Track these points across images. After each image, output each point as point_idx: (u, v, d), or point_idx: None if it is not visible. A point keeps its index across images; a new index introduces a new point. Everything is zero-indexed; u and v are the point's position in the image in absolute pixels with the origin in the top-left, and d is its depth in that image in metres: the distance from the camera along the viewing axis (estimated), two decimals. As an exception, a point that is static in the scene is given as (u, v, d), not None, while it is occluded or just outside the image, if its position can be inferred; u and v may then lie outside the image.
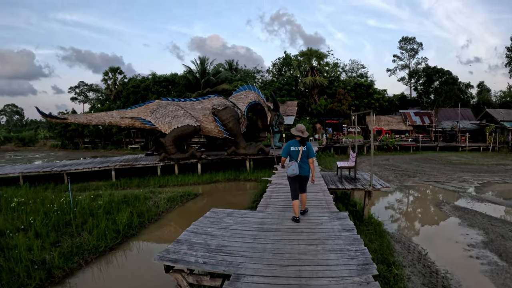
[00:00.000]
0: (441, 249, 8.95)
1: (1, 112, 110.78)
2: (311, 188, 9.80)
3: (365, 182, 11.01)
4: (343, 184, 10.80)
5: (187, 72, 47.86)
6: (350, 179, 11.77)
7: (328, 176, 12.56)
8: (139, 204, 12.45)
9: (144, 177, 19.01)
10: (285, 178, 10.92)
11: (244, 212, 7.63)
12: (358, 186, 10.33)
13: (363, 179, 11.75)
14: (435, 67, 58.40)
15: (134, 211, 11.55)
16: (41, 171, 19.09)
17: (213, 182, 18.32)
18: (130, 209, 11.71)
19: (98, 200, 12.60)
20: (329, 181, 11.38)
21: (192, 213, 12.59)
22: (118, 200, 12.55)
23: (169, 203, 13.11)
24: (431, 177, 20.56)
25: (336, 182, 11.18)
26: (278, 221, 6.91)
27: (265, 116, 24.55)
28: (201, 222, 6.80)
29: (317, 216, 7.19)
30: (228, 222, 6.75)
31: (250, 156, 20.95)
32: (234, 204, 13.48)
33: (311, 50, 48.11)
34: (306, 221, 6.97)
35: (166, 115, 19.56)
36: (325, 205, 8.20)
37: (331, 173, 13.56)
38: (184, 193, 14.54)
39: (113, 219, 10.55)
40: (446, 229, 10.65)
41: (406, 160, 29.10)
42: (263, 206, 8.26)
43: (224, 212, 7.60)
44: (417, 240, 9.50)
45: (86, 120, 20.54)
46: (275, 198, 9.09)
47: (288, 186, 8.62)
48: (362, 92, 48.17)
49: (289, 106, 44.11)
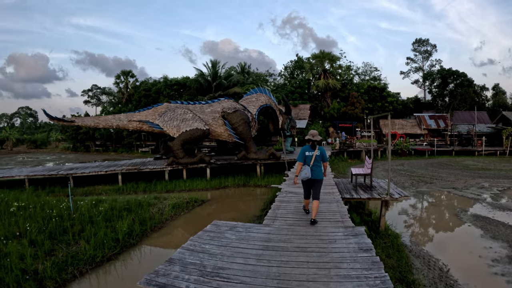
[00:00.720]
0: (464, 264, 8.14)
1: (15, 114, 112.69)
2: (324, 197, 9.11)
3: (381, 191, 10.22)
4: (358, 193, 10.05)
5: (199, 75, 47.51)
6: (366, 187, 10.99)
7: (342, 184, 11.85)
8: (142, 211, 11.87)
9: (151, 182, 18.50)
10: (296, 186, 10.28)
11: (248, 226, 6.91)
12: (374, 195, 9.54)
13: (379, 187, 10.96)
14: (450, 69, 57.11)
15: (136, 218, 11.00)
16: (47, 174, 18.84)
17: (222, 187, 17.68)
18: (132, 216, 11.15)
19: (100, 206, 12.08)
20: (343, 189, 10.64)
21: (197, 221, 11.98)
22: (120, 206, 11.99)
23: (174, 210, 12.51)
24: (448, 183, 19.58)
25: (351, 191, 10.45)
26: (286, 238, 6.19)
27: (277, 119, 23.86)
28: (200, 237, 6.11)
29: (330, 232, 6.42)
30: (230, 238, 6.04)
31: (261, 161, 20.27)
32: (242, 212, 12.83)
33: (323, 52, 47.29)
34: (317, 237, 6.19)
35: (175, 118, 19.04)
36: (339, 218, 7.41)
37: (345, 180, 12.79)
38: (190, 199, 13.93)
39: (113, 227, 10.01)
40: (468, 242, 9.80)
41: (422, 165, 28.05)
42: (271, 219, 7.52)
43: (227, 226, 6.92)
44: (437, 254, 8.68)
45: (94, 123, 20.19)
46: (284, 209, 8.37)
47: (298, 195, 8.84)
48: (376, 95, 47.10)
49: (301, 109, 43.32)
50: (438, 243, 9.75)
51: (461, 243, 9.82)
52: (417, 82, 67.30)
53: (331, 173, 14.32)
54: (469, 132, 43.03)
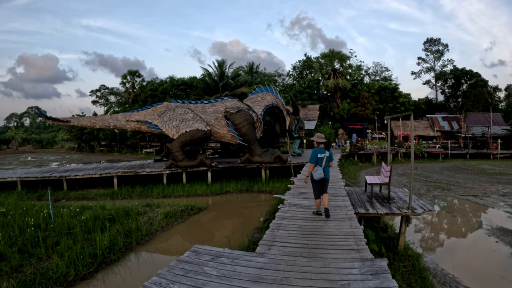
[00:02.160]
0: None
1: (24, 114, 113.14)
2: (334, 213, 7.82)
3: (401, 203, 8.84)
4: (374, 207, 8.65)
5: (206, 75, 46.57)
6: (382, 198, 9.60)
7: (355, 194, 10.48)
8: (130, 220, 10.68)
9: (148, 186, 17.37)
10: (302, 196, 9.05)
11: (237, 256, 5.31)
12: (393, 210, 8.17)
13: (398, 198, 9.56)
14: (463, 69, 55.32)
15: (121, 229, 9.82)
16: (40, 176, 17.85)
17: (223, 193, 16.43)
18: (117, 226, 9.98)
19: (84, 214, 10.93)
20: (356, 202, 9.30)
21: (191, 233, 10.79)
22: (105, 215, 10.81)
23: (166, 220, 11.28)
24: (467, 189, 18.09)
25: (365, 203, 9.09)
26: (283, 276, 4.55)
27: (284, 120, 22.56)
28: (171, 271, 4.67)
29: (342, 268, 4.78)
30: (209, 275, 4.56)
31: (266, 164, 18.97)
32: (241, 223, 11.54)
33: (333, 51, 45.86)
34: (325, 276, 4.54)
35: (174, 119, 17.86)
36: (354, 244, 5.80)
37: (358, 190, 11.40)
38: (186, 207, 12.66)
39: (93, 240, 8.84)
40: (497, 263, 8.39)
41: (436, 169, 26.51)
42: (266, 245, 5.95)
43: (209, 254, 5.42)
44: (465, 280, 7.32)
45: (90, 123, 19.16)
46: (285, 229, 6.83)
47: (304, 210, 7.78)
48: (387, 96, 45.48)
49: (310, 110, 41.93)
50: (464, 265, 8.36)
51: (490, 264, 8.43)
52: (429, 83, 65.41)
53: (342, 180, 12.91)
54: (484, 135, 41.25)
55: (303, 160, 20.25)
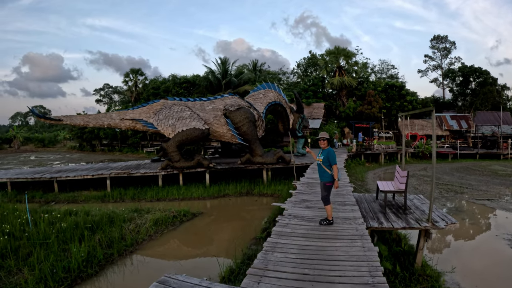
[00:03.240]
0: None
1: (29, 113, 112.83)
2: (342, 227, 6.63)
3: (419, 214, 7.70)
4: (388, 219, 7.51)
5: (209, 73, 45.61)
6: (397, 207, 8.45)
7: (365, 202, 9.27)
8: (114, 228, 9.69)
9: (143, 188, 16.40)
10: (305, 205, 8.01)
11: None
12: (411, 223, 7.02)
13: (414, 207, 8.39)
14: (472, 66, 53.76)
15: (103, 238, 8.84)
16: (30, 177, 16.98)
17: (221, 196, 15.37)
18: (98, 235, 9.00)
19: (66, 220, 9.96)
20: (367, 212, 8.17)
21: (180, 243, 9.77)
22: (88, 221, 9.81)
23: (155, 227, 10.27)
24: (481, 193, 16.93)
25: (378, 214, 7.93)
26: None
27: (287, 118, 21.47)
28: None
29: None
30: None
31: (268, 165, 17.89)
32: (238, 231, 10.43)
33: (338, 48, 44.56)
34: None
35: (170, 117, 16.85)
36: (367, 275, 4.53)
37: (368, 196, 10.22)
38: (179, 212, 11.60)
39: (71, 250, 7.87)
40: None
41: (446, 170, 25.33)
42: (256, 275, 4.59)
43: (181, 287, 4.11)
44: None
45: (83, 121, 18.27)
46: (282, 250, 5.41)
47: (306, 223, 6.91)
48: (394, 94, 44.11)
49: (315, 108, 40.74)
50: (490, 286, 7.25)
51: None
52: (436, 81, 63.86)
53: (349, 184, 11.66)
54: (493, 134, 39.89)
55: (307, 161, 19.13)
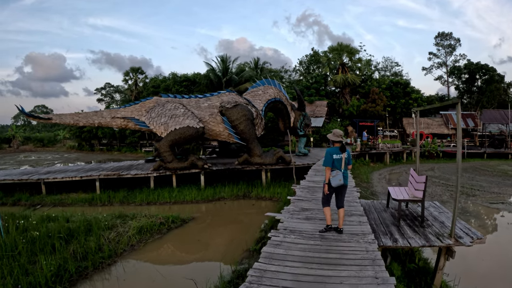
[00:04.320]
0: None
1: (31, 113, 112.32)
2: (349, 248, 5.40)
3: (438, 227, 6.57)
4: (404, 234, 6.30)
5: (209, 70, 44.65)
6: (412, 218, 7.31)
7: (375, 212, 8.06)
8: (93, 236, 8.71)
9: (133, 190, 15.43)
10: (304, 215, 7.01)
11: None
12: (431, 240, 5.81)
13: (431, 217, 7.25)
14: (478, 63, 52.46)
15: (78, 249, 7.87)
16: (17, 179, 16.08)
17: (215, 199, 14.34)
18: (73, 245, 8.03)
19: (43, 226, 9.00)
20: (377, 224, 7.05)
21: (163, 254, 8.75)
22: (64, 230, 8.84)
23: (139, 236, 9.27)
24: (494, 196, 15.83)
25: (391, 228, 6.73)
26: None
27: (288, 116, 20.40)
28: None
29: None
30: None
31: (267, 166, 16.84)
32: (229, 241, 9.40)
33: (341, 45, 43.37)
34: None
35: (163, 115, 15.85)
36: None
37: (378, 204, 8.98)
38: (166, 218, 10.58)
39: (40, 263, 6.94)
40: None
41: (454, 170, 24.16)
42: None
43: None
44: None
45: (73, 120, 17.32)
46: (271, 283, 4.30)
47: (304, 240, 5.73)
48: (399, 91, 42.91)
49: (318, 106, 39.62)
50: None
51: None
52: (441, 78, 62.53)
53: (356, 189, 10.45)
54: (501, 133, 38.69)
55: (309, 161, 18.05)
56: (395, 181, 18.94)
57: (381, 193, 15.30)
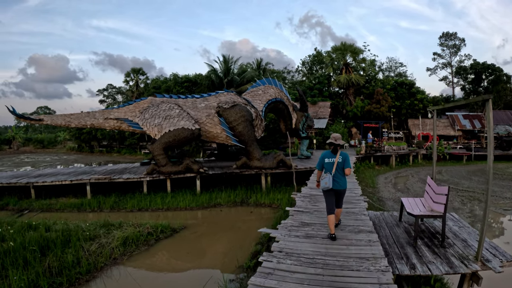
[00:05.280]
0: None
1: (34, 114, 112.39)
2: (359, 283, 4.27)
3: (461, 247, 5.59)
4: (422, 257, 5.30)
5: (211, 71, 43.92)
6: (429, 235, 6.30)
7: (387, 228, 7.03)
8: (72, 248, 7.88)
9: (125, 195, 14.60)
10: (304, 232, 6.17)
11: None
12: (455, 266, 4.91)
13: (451, 234, 6.28)
14: (485, 63, 51.45)
15: (54, 263, 7.08)
16: (6, 183, 15.35)
17: (211, 206, 13.42)
18: (49, 259, 7.21)
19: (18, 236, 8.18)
20: (390, 243, 6.03)
21: (148, 270, 7.86)
22: (42, 240, 8.01)
23: (123, 247, 8.40)
24: (508, 201, 14.87)
25: (406, 249, 5.71)
26: None
27: (290, 117, 19.54)
28: None
29: None
30: None
31: (267, 170, 15.95)
32: (222, 255, 8.47)
33: (345, 44, 42.42)
34: None
35: (156, 116, 15.02)
36: None
37: (388, 217, 7.95)
38: (155, 228, 9.70)
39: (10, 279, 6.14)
40: None
41: (462, 174, 23.21)
42: None
43: None
44: None
45: (65, 121, 16.56)
46: None
47: (304, 269, 4.67)
48: (404, 92, 41.90)
49: (321, 107, 38.70)
50: None
51: None
52: (446, 79, 61.49)
53: (362, 197, 9.30)
54: (509, 134, 37.64)
55: (311, 165, 17.13)
56: (401, 185, 18.01)
57: (388, 199, 14.37)
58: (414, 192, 16.08)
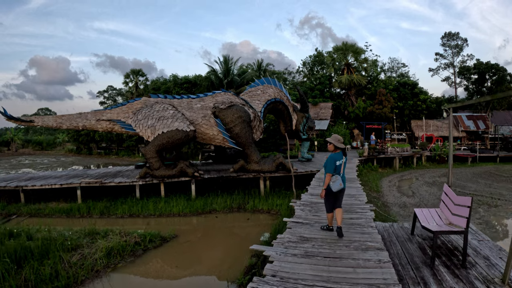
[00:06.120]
0: None
1: (33, 116, 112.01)
2: None
3: (484, 267, 4.87)
4: (442, 282, 4.54)
5: (210, 72, 43.32)
6: (447, 251, 5.56)
7: (397, 241, 6.24)
8: (51, 260, 7.21)
9: (117, 200, 13.93)
10: (303, 249, 5.46)
11: None
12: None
13: (472, 250, 5.50)
14: (488, 63, 50.65)
15: (30, 276, 6.43)
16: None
17: (206, 212, 12.67)
18: (26, 271, 6.55)
19: None
20: (404, 265, 5.19)
21: (135, 283, 7.17)
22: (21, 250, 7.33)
23: (107, 259, 7.71)
24: (520, 205, 14.20)
25: (422, 270, 4.94)
26: None
27: (290, 118, 18.84)
28: None
29: None
30: None
31: (265, 173, 15.25)
32: (214, 268, 7.70)
33: (346, 44, 41.71)
34: None
35: (150, 117, 14.35)
36: None
37: (398, 229, 7.16)
38: (143, 237, 8.99)
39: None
40: None
41: (468, 176, 22.45)
42: None
43: None
44: None
45: (56, 123, 15.95)
46: None
47: None
48: (406, 92, 41.20)
49: (322, 108, 38.01)
50: None
51: None
52: (448, 79, 60.70)
53: (369, 206, 8.49)
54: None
55: (312, 168, 16.41)
56: (406, 189, 17.29)
57: (393, 204, 13.64)
58: (420, 196, 15.36)
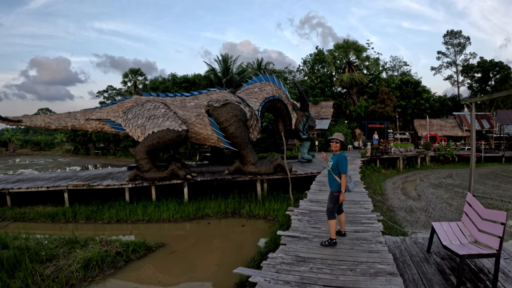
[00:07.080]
0: None
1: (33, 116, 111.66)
2: None
3: None
4: None
5: (209, 71, 42.67)
6: (472, 276, 4.69)
7: (413, 264, 5.16)
8: (21, 272, 6.46)
9: (105, 204, 13.17)
10: (298, 273, 4.63)
11: None
12: None
13: (501, 273, 4.60)
14: (492, 61, 49.83)
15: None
16: (-21, 189, 13.94)
17: (199, 217, 11.83)
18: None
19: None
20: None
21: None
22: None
23: (84, 271, 6.93)
24: (530, 209, 13.36)
25: None
26: None
27: (289, 117, 18.03)
28: None
29: None
30: None
31: (263, 176, 14.44)
32: (204, 280, 6.98)
33: (347, 42, 40.83)
34: None
35: (140, 116, 13.57)
36: None
37: (411, 244, 6.13)
38: (126, 246, 8.16)
39: None
40: None
41: (474, 177, 20.98)
42: None
43: None
44: None
45: (44, 123, 15.25)
46: None
47: None
48: (409, 91, 40.39)
49: (323, 107, 37.20)
50: None
51: None
52: (451, 78, 59.91)
53: (375, 214, 7.44)
54: (519, 134, 36.23)
55: (312, 170, 15.59)
56: (411, 191, 16.48)
57: (399, 208, 12.83)
58: (427, 199, 14.55)
